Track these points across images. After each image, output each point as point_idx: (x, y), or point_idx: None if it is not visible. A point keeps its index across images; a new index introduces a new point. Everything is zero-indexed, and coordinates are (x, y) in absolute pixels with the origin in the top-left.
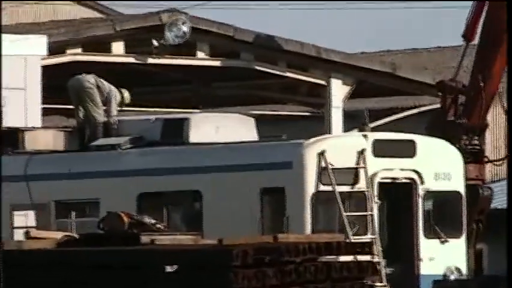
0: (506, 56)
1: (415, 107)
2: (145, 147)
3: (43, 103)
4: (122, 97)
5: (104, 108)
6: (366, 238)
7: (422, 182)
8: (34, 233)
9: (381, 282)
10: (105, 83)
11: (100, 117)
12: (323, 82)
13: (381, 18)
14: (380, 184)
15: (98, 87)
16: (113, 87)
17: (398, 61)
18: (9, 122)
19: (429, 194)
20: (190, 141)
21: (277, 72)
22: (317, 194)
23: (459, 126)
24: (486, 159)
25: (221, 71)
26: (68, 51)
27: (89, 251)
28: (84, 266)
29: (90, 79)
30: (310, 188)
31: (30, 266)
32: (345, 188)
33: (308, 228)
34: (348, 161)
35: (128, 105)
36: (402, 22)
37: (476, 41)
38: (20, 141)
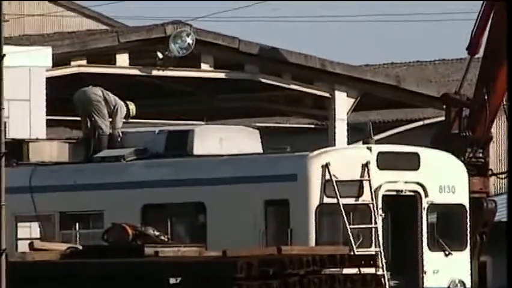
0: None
1: (419, 120)
2: (149, 159)
3: (47, 114)
4: (128, 109)
5: (110, 120)
6: (371, 251)
7: (426, 195)
8: (38, 244)
9: None
10: (111, 95)
11: (107, 129)
12: (327, 94)
13: (385, 30)
14: (384, 197)
15: (105, 99)
16: (119, 100)
17: (403, 74)
18: (13, 133)
19: (434, 207)
20: (194, 153)
21: (282, 85)
22: (321, 206)
23: (463, 139)
24: (490, 172)
25: (225, 83)
26: (73, 63)
27: (93, 263)
28: (88, 278)
29: (97, 92)
30: (314, 200)
31: (34, 278)
32: (350, 201)
33: (312, 241)
34: (352, 173)
35: (133, 117)
36: (407, 34)
37: (480, 54)
38: (25, 153)
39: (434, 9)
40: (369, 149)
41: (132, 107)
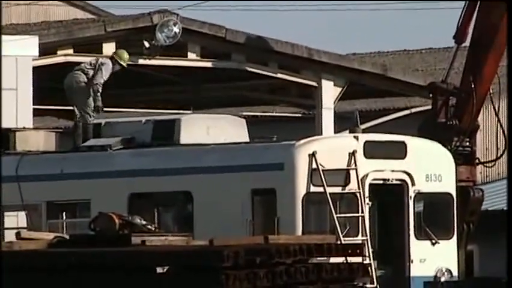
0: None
1: (406, 109)
2: (135, 148)
3: (34, 104)
4: (119, 58)
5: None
6: (357, 239)
7: (413, 184)
8: (25, 233)
9: (372, 283)
10: (90, 59)
11: (90, 117)
12: (314, 83)
13: (372, 19)
14: (371, 185)
15: (86, 73)
16: (102, 59)
17: (390, 62)
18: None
19: (420, 196)
20: (180, 142)
21: (269, 74)
22: (308, 195)
23: (450, 128)
24: (477, 161)
25: (212, 72)
26: (59, 52)
27: (80, 252)
28: (75, 267)
29: (78, 74)
30: (301, 189)
31: (21, 268)
32: (336, 189)
33: (299, 230)
34: (339, 162)
35: (119, 106)
36: (394, 23)
37: (467, 42)
38: (11, 142)
39: None
40: (356, 137)
41: (126, 56)
